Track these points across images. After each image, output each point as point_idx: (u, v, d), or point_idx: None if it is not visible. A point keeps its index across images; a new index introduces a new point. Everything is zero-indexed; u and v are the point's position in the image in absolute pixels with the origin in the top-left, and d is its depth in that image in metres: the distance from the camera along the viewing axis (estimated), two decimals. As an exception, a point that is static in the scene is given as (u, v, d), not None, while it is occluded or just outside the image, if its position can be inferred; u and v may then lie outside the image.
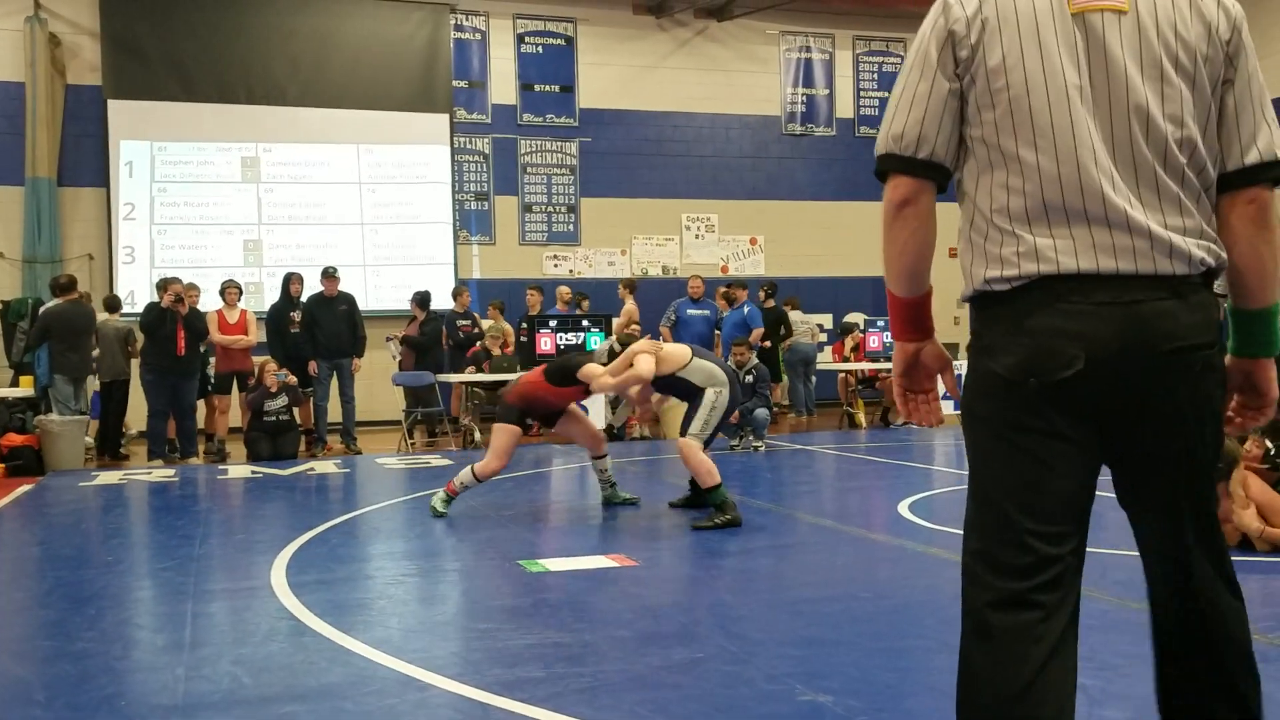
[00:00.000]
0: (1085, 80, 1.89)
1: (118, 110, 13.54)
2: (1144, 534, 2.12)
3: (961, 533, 2.03)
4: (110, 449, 11.11)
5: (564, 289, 13.58)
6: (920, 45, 2.01)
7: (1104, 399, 1.87)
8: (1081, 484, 1.94)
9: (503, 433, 6.67)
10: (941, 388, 2.23)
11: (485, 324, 12.80)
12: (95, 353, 10.71)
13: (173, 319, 10.34)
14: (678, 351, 6.56)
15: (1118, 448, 1.95)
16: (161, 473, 9.66)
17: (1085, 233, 1.87)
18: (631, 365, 6.43)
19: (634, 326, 12.27)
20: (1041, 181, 1.90)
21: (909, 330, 2.17)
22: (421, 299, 12.27)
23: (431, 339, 12.23)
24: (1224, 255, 1.92)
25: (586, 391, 6.86)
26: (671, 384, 6.58)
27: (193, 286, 11.03)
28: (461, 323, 12.68)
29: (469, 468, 6.71)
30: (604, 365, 6.73)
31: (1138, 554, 2.17)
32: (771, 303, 13.74)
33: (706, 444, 6.36)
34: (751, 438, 10.39)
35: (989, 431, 1.96)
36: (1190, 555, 2.03)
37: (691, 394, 6.48)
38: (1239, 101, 2.00)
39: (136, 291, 13.30)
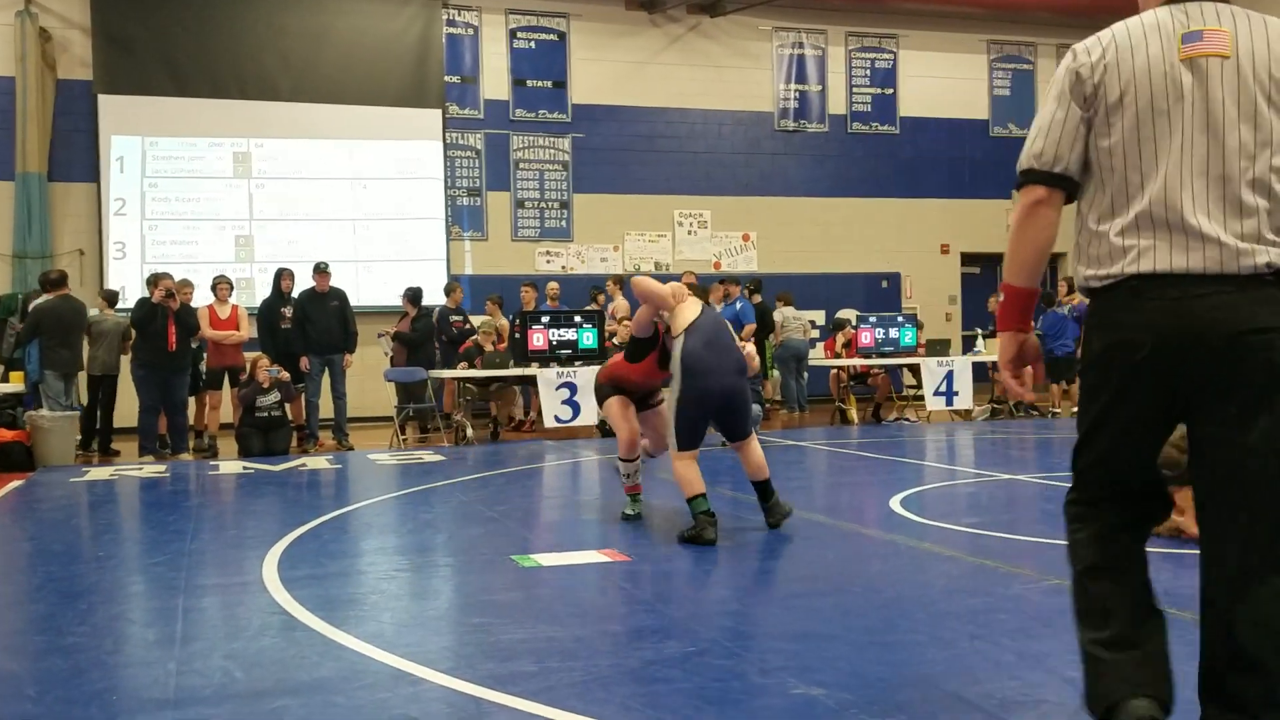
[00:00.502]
0: (1187, 116, 2.32)
1: (108, 105, 13.49)
2: (1209, 487, 2.43)
3: (948, 524, 2.49)
4: (101, 444, 11.08)
5: (553, 285, 13.58)
6: (1056, 82, 2.50)
7: (1176, 378, 2.32)
8: (1152, 446, 2.46)
9: (610, 406, 6.33)
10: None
11: (477, 320, 12.78)
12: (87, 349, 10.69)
13: (164, 314, 10.32)
14: (683, 315, 5.84)
15: (1203, 424, 2.36)
16: (152, 468, 9.64)
17: (1166, 241, 2.30)
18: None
19: (626, 323, 12.29)
20: (1137, 199, 2.35)
21: (1022, 320, 2.59)
22: (413, 295, 12.27)
23: (424, 335, 12.23)
24: None
25: (663, 369, 6.16)
26: (665, 353, 6.09)
27: (186, 283, 10.99)
28: (454, 319, 12.67)
29: (616, 462, 6.38)
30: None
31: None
32: (758, 298, 13.77)
33: (693, 443, 5.75)
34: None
35: (1090, 396, 2.46)
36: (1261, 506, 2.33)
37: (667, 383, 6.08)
38: None
39: (128, 287, 13.24)
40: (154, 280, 10.60)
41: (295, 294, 11.51)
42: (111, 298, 11.58)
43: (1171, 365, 2.30)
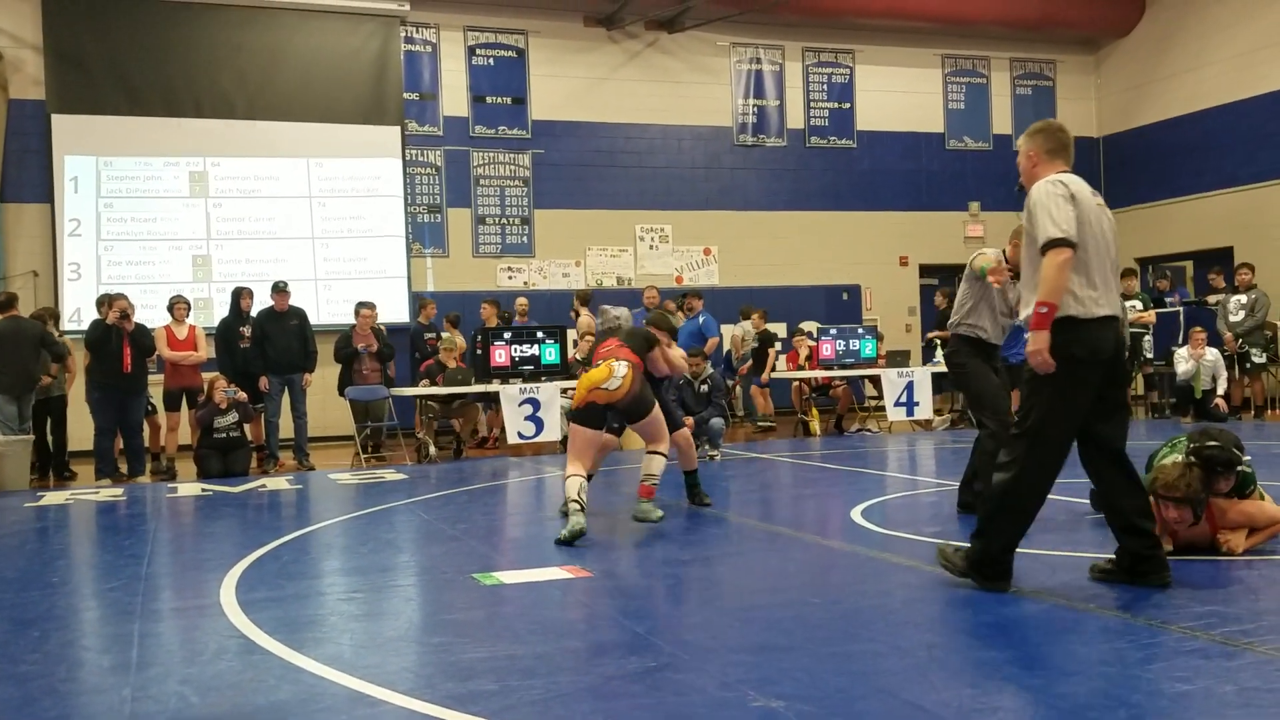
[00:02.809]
0: (1099, 233, 4.38)
1: (62, 125, 13.34)
2: (1102, 430, 4.48)
3: (908, 534, 3.48)
4: (55, 468, 10.91)
5: (522, 301, 13.59)
6: (1056, 193, 4.31)
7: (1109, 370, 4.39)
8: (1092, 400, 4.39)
9: (658, 408, 6.63)
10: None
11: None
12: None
13: (118, 335, 10.18)
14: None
15: (1107, 393, 4.44)
16: (109, 491, 9.51)
17: (1109, 296, 4.38)
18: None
19: (589, 338, 12.30)
20: (1095, 270, 4.34)
21: (1047, 323, 4.25)
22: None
23: (393, 352, 12.20)
24: None
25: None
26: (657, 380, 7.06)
27: (120, 296, 10.64)
28: (428, 335, 12.62)
29: (654, 460, 6.46)
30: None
31: (1075, 555, 2.35)
32: (763, 325, 14.13)
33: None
34: (707, 447, 10.41)
35: (1079, 374, 4.30)
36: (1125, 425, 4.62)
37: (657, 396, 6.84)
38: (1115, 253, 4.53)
39: (83, 309, 13.07)
40: (107, 301, 10.43)
41: (254, 313, 11.42)
42: (53, 315, 11.39)
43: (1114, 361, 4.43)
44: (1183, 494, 4.80)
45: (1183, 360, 12.69)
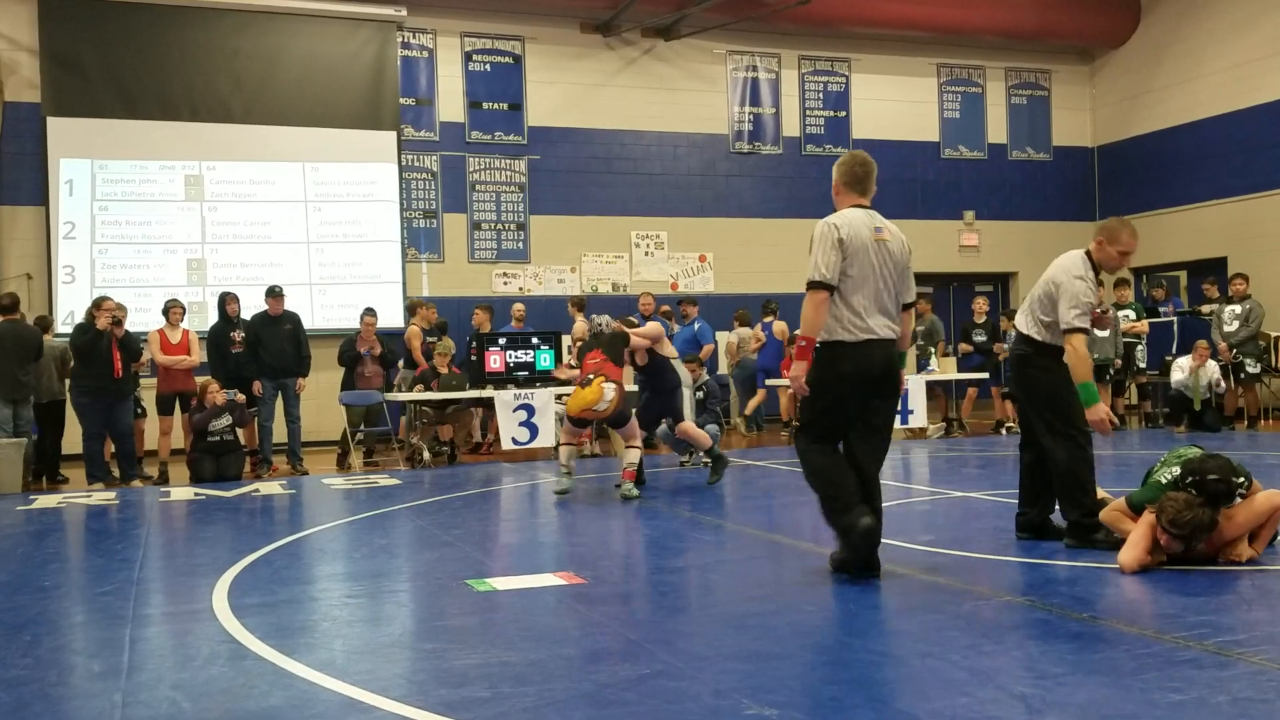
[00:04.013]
0: (880, 263, 4.99)
1: (57, 128, 13.32)
2: (861, 440, 5.12)
3: (901, 542, 4.24)
4: (48, 472, 10.88)
5: (519, 307, 13.59)
6: (829, 237, 4.95)
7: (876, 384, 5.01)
8: (858, 411, 5.06)
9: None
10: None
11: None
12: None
13: (108, 340, 10.13)
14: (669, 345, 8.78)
15: (877, 399, 5.06)
16: (101, 496, 9.48)
17: (876, 322, 4.97)
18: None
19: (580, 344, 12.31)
20: (865, 300, 4.95)
21: (808, 354, 5.01)
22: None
23: (395, 355, 12.20)
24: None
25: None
26: (663, 365, 8.73)
27: (108, 299, 10.62)
28: (430, 339, 12.61)
29: (630, 452, 8.29)
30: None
31: (1070, 564, 2.35)
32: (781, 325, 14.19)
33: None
34: (701, 453, 10.39)
35: (831, 391, 5.02)
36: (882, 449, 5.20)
37: (674, 387, 8.69)
38: (909, 278, 5.16)
39: (77, 312, 13.03)
40: (98, 304, 10.37)
41: (248, 317, 11.40)
42: (43, 323, 11.37)
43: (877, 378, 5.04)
44: (1188, 531, 4.82)
45: (1178, 370, 12.70)
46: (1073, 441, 5.50)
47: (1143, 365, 13.68)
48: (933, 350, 13.60)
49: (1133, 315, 13.67)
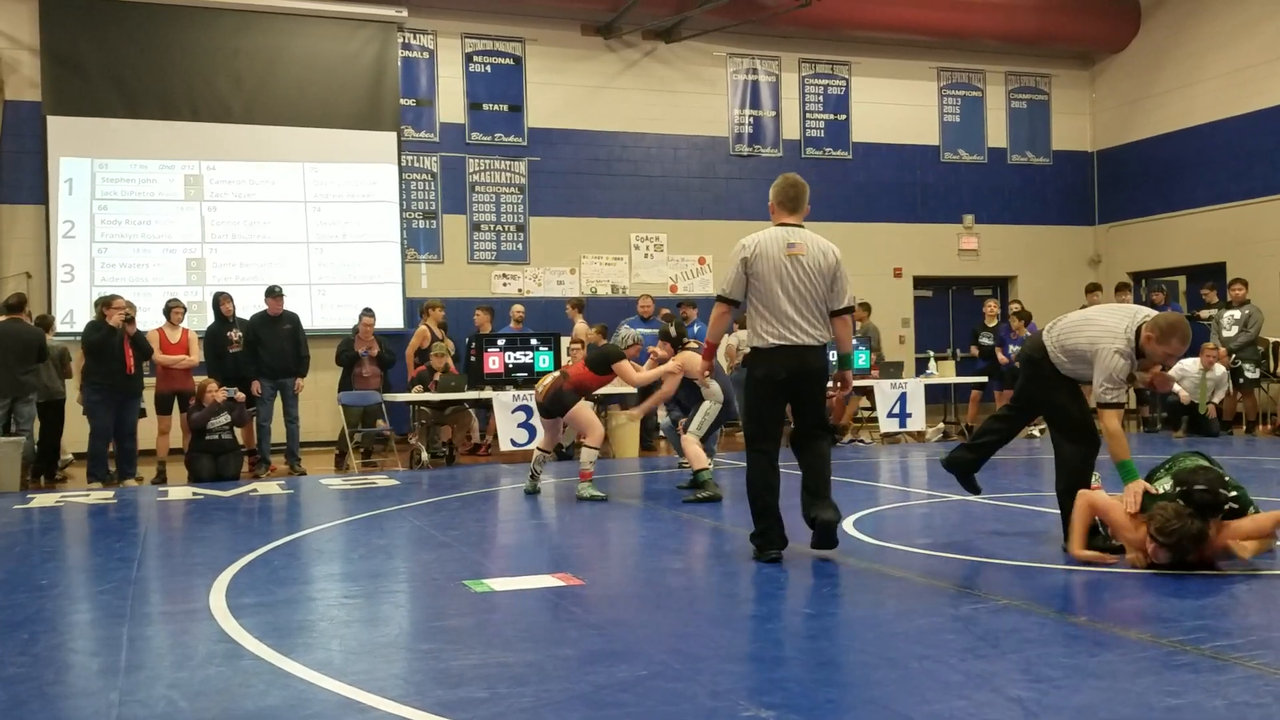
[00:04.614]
0: (789, 275, 5.47)
1: (57, 126, 13.32)
2: (797, 428, 5.65)
3: (899, 545, 5.64)
4: (46, 470, 10.87)
5: (518, 308, 13.58)
6: (736, 255, 5.55)
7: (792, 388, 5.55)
8: (781, 411, 5.66)
9: (581, 408, 8.48)
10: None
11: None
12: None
13: (120, 337, 10.13)
14: (696, 363, 7.94)
15: (798, 399, 5.60)
16: (100, 494, 9.48)
17: (789, 329, 5.47)
18: (659, 374, 8.68)
19: (576, 346, 12.35)
20: (772, 310, 5.47)
21: (709, 355, 6.17)
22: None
23: (393, 356, 12.19)
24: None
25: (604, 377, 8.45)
26: (686, 384, 8.64)
27: (119, 298, 10.63)
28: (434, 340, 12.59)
29: (582, 451, 8.39)
30: (632, 361, 8.63)
31: (1068, 568, 2.36)
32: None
33: (703, 440, 8.45)
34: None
35: (751, 393, 5.60)
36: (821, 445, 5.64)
37: (696, 399, 8.62)
38: (838, 287, 5.55)
39: (76, 310, 13.06)
40: (107, 302, 10.37)
41: (247, 316, 11.40)
42: (44, 323, 11.37)
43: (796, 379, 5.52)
44: (1175, 540, 4.84)
45: (1181, 372, 12.62)
46: (1086, 444, 5.55)
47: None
48: (933, 354, 13.60)
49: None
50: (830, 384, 5.70)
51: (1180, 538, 4.84)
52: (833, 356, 5.80)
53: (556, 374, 8.78)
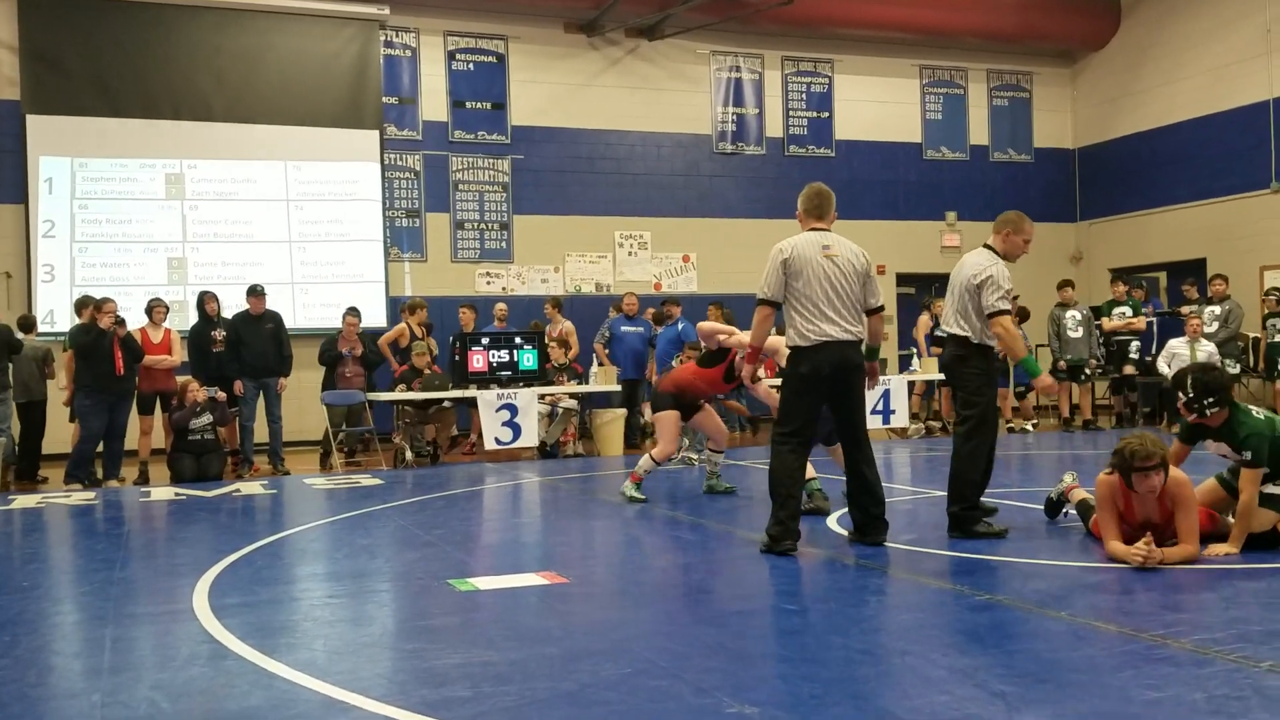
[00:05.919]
0: (827, 275, 5.63)
1: (37, 125, 13.22)
2: (841, 425, 5.86)
3: (888, 543, 5.87)
4: (28, 471, 10.79)
5: (501, 306, 13.55)
6: (775, 259, 5.66)
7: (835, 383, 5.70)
8: (819, 409, 5.81)
9: (665, 420, 7.94)
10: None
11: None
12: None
13: (110, 339, 10.05)
14: (779, 343, 7.61)
15: (840, 396, 5.75)
16: (81, 496, 9.42)
17: (829, 326, 5.63)
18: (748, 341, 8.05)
19: (554, 344, 12.37)
20: (813, 309, 5.64)
21: (753, 359, 6.16)
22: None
23: (377, 356, 12.15)
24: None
25: (728, 382, 7.93)
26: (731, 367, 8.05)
27: (109, 300, 10.59)
28: (414, 340, 12.54)
29: (646, 456, 7.90)
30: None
31: (1049, 563, 2.38)
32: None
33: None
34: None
35: (791, 388, 5.79)
36: (862, 435, 5.86)
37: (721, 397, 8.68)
38: (871, 286, 5.79)
39: (56, 310, 12.98)
40: (95, 305, 10.27)
41: (229, 316, 11.35)
42: (27, 323, 11.28)
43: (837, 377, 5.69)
44: (1159, 459, 5.00)
45: (1169, 354, 12.36)
46: (975, 442, 5.92)
47: (1135, 358, 13.67)
48: (915, 350, 13.66)
49: (1129, 312, 13.78)
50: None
51: (1132, 454, 4.99)
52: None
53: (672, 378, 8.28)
